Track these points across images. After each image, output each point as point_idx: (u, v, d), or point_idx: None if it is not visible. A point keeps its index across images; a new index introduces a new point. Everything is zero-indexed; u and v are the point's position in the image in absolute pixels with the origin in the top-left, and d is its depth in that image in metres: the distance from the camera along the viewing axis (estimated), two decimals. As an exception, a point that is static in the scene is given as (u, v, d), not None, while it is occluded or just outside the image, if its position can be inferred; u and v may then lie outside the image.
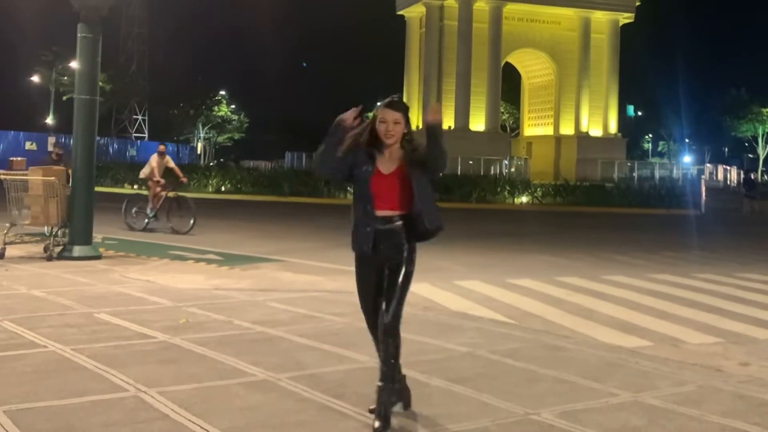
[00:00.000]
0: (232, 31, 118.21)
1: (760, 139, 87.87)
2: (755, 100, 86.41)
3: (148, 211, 19.89)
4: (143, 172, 21.03)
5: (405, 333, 5.75)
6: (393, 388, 5.30)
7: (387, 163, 5.33)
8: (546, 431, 5.24)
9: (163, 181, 20.03)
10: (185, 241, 17.25)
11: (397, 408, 5.46)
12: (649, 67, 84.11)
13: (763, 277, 14.16)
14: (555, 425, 5.33)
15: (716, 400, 6.05)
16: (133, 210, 20.19)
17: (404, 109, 5.32)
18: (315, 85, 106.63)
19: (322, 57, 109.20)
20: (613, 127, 72.80)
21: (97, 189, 15.56)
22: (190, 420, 5.21)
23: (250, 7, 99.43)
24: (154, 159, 20.27)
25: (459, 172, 50.49)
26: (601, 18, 71.22)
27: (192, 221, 19.04)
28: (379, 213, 5.30)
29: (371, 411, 5.36)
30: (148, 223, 19.76)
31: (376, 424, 5.14)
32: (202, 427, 5.08)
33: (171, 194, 19.74)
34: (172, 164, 20.90)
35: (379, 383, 5.26)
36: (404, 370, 6.30)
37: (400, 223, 5.32)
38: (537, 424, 5.37)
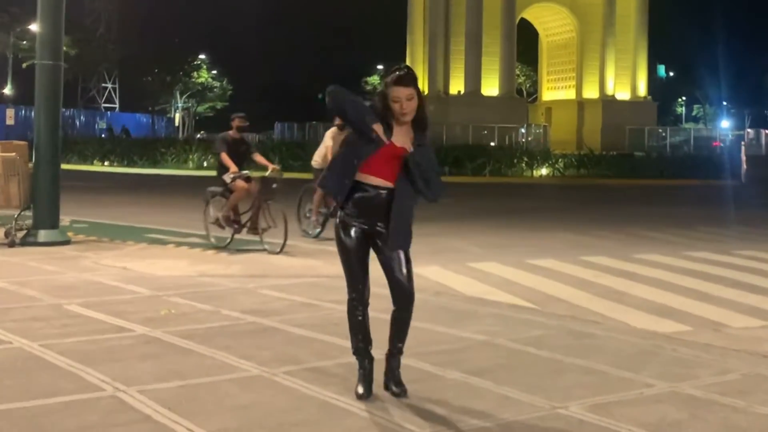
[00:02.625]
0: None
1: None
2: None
3: (309, 212, 15.61)
4: (317, 156, 15.74)
5: (415, 321, 5.75)
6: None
7: (400, 137, 5.58)
8: (575, 427, 5.24)
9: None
10: (163, 222, 17.21)
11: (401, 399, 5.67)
12: (682, 23, 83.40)
13: (814, 254, 14.13)
14: (585, 420, 5.33)
15: (763, 390, 6.07)
16: (307, 209, 15.71)
17: (414, 81, 5.57)
18: (309, 48, 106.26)
19: (315, 16, 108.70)
20: (642, 90, 72.68)
21: (63, 166, 15.53)
22: (174, 421, 5.21)
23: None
24: (329, 136, 15.45)
25: (471, 142, 50.45)
26: (627, -34, 70.91)
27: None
28: (374, 181, 5.54)
29: (360, 397, 5.59)
30: (322, 229, 15.20)
31: (395, 389, 5.64)
32: (188, 429, 5.09)
33: None
34: None
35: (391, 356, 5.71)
36: (414, 362, 6.34)
37: (386, 195, 5.54)
38: (565, 419, 5.37)
